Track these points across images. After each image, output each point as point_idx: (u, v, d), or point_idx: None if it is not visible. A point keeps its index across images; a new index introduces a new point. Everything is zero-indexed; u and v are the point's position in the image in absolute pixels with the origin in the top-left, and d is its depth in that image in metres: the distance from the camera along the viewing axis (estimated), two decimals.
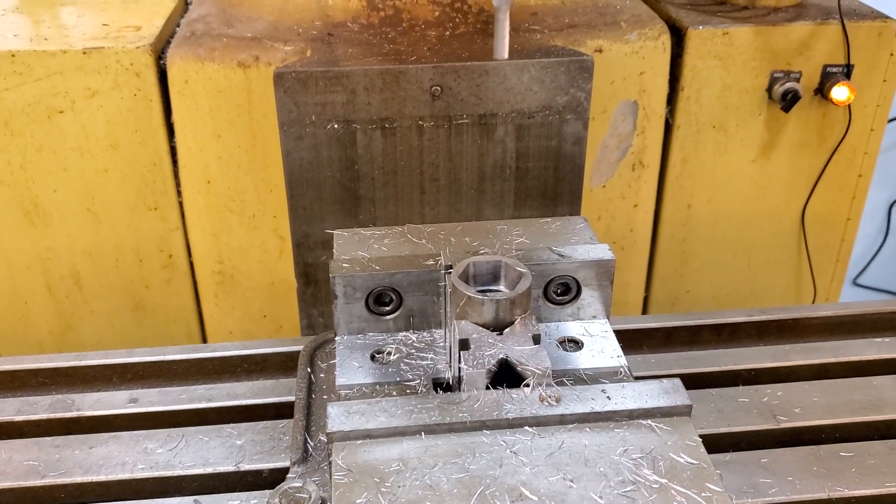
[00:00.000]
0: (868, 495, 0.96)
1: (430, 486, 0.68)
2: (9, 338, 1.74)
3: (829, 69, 1.63)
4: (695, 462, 0.71)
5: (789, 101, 1.60)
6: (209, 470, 1.00)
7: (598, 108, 1.53)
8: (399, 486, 0.68)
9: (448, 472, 0.70)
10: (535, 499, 0.67)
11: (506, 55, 0.96)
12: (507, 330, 0.81)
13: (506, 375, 0.79)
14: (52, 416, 1.08)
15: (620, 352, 0.94)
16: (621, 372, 0.91)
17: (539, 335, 0.80)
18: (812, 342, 1.23)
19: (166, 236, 1.65)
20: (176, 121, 1.52)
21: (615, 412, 0.75)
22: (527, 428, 0.74)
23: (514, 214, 1.49)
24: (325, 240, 1.45)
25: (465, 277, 0.86)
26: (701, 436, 1.03)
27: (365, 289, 0.93)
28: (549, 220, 1.05)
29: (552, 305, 0.98)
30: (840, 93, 1.62)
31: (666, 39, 1.51)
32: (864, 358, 1.18)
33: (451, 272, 0.86)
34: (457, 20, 1.46)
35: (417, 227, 1.04)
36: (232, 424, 1.07)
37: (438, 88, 1.35)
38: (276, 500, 0.84)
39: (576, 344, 0.96)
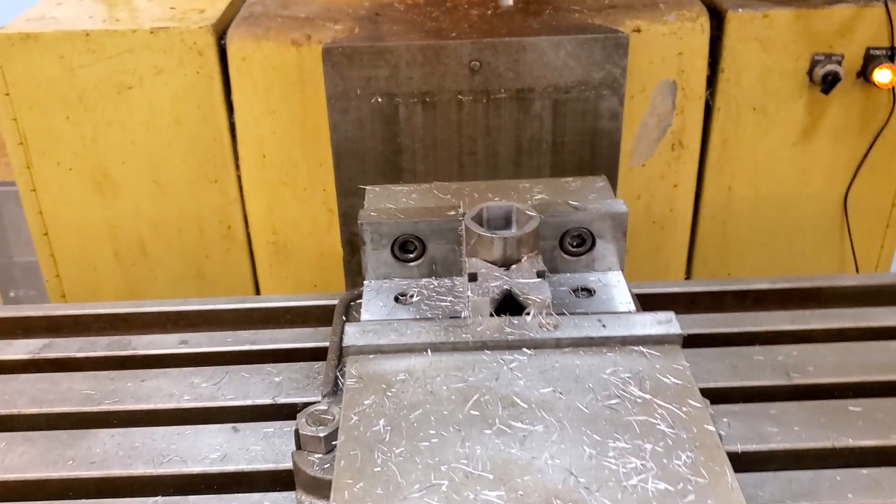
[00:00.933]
0: (872, 446, 0.98)
1: (432, 392, 0.75)
2: (80, 301, 1.87)
3: (872, 52, 1.64)
4: (679, 382, 0.75)
5: (829, 83, 1.61)
6: (248, 402, 1.08)
7: (638, 86, 1.57)
8: (403, 392, 0.75)
9: (449, 383, 0.76)
10: (525, 406, 0.73)
11: (511, 2, 1.01)
12: (513, 266, 0.87)
13: (510, 306, 0.85)
14: (109, 353, 1.18)
15: (630, 299, 0.99)
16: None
17: (544, 271, 0.86)
18: (834, 308, 1.25)
19: (226, 208, 1.76)
20: (235, 97, 1.63)
21: (608, 338, 0.80)
22: (525, 349, 0.80)
23: None
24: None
25: (479, 220, 0.92)
26: (713, 389, 1.08)
27: (391, 236, 1.01)
28: (570, 179, 1.11)
29: (568, 257, 1.03)
30: (883, 75, 1.62)
31: (704, 21, 1.55)
32: (884, 324, 1.20)
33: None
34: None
35: (444, 184, 1.11)
36: (272, 364, 1.15)
37: (477, 63, 1.42)
38: (304, 419, 0.91)
39: (588, 292, 1.01)
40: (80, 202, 1.75)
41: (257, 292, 1.85)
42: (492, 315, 0.84)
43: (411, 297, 1.00)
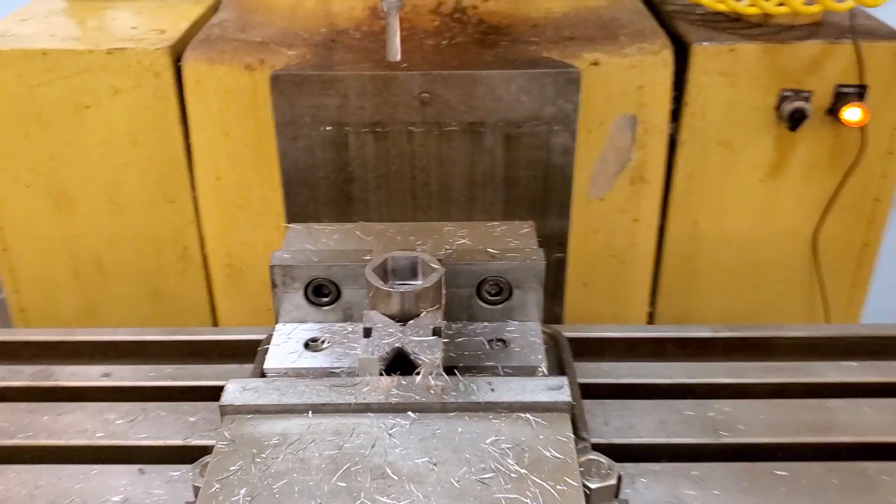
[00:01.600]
0: None
1: (302, 460, 0.72)
2: (39, 317, 1.86)
3: (841, 89, 1.60)
4: (560, 457, 0.72)
5: (796, 120, 1.58)
6: (159, 443, 1.06)
7: (596, 120, 1.54)
8: (273, 459, 0.73)
9: (322, 449, 0.74)
10: (396, 478, 0.70)
11: (397, 57, 0.99)
12: (411, 321, 0.84)
13: (405, 364, 0.82)
14: (31, 383, 1.17)
15: (542, 353, 0.96)
16: (539, 371, 0.93)
17: (440, 328, 0.83)
18: (776, 362, 1.21)
19: (182, 229, 1.74)
20: (190, 119, 1.61)
21: (495, 403, 0.77)
22: (409, 413, 0.77)
23: (504, 217, 1.51)
24: None
25: (384, 271, 0.90)
26: (636, 445, 1.05)
27: (303, 279, 0.98)
28: (496, 224, 1.08)
29: (485, 305, 1.00)
30: (852, 114, 1.58)
31: (667, 54, 1.52)
32: (825, 380, 1.16)
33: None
34: (455, 30, 1.51)
35: (369, 225, 1.08)
36: (190, 403, 1.13)
37: (427, 95, 1.40)
38: (197, 470, 0.89)
39: (503, 343, 0.98)
40: (38, 219, 1.74)
41: (213, 314, 1.84)
42: (381, 374, 0.81)
43: (322, 342, 0.98)
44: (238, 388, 0.79)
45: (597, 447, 1.03)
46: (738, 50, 1.55)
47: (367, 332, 0.83)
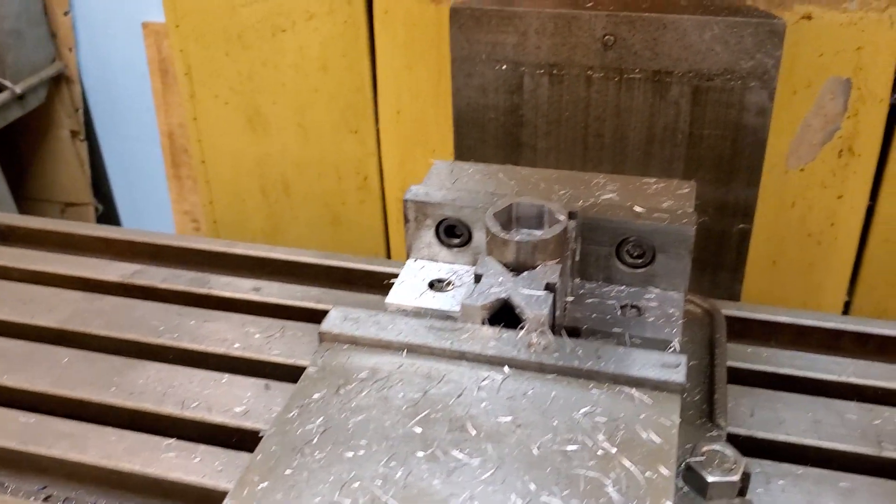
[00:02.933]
0: None
1: (386, 398, 0.70)
2: (230, 229, 1.98)
3: None
4: (657, 441, 0.65)
5: None
6: (289, 361, 1.08)
7: (802, 81, 1.38)
8: (357, 392, 0.71)
9: (408, 391, 0.71)
10: (474, 433, 0.66)
11: None
12: (525, 273, 0.79)
13: (512, 316, 0.77)
14: (187, 289, 1.23)
15: (679, 327, 0.87)
16: (671, 348, 0.85)
17: (554, 283, 0.77)
18: None
19: (364, 159, 1.77)
20: (377, 49, 1.62)
21: (597, 372, 0.70)
22: (505, 368, 0.72)
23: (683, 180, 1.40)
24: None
25: (507, 217, 0.84)
26: (782, 442, 0.94)
27: (435, 217, 0.95)
28: (651, 180, 0.99)
29: (624, 267, 0.93)
30: None
31: (894, 12, 1.32)
32: None
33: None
34: None
35: (514, 168, 1.03)
36: None
37: (611, 38, 1.31)
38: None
39: (637, 310, 0.90)
40: (233, 136, 1.83)
41: (387, 244, 1.86)
42: (483, 323, 0.77)
43: (447, 284, 0.95)
44: (340, 317, 0.77)
45: (733, 438, 0.94)
46: None
47: (478, 279, 0.79)
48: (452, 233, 0.96)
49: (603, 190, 0.98)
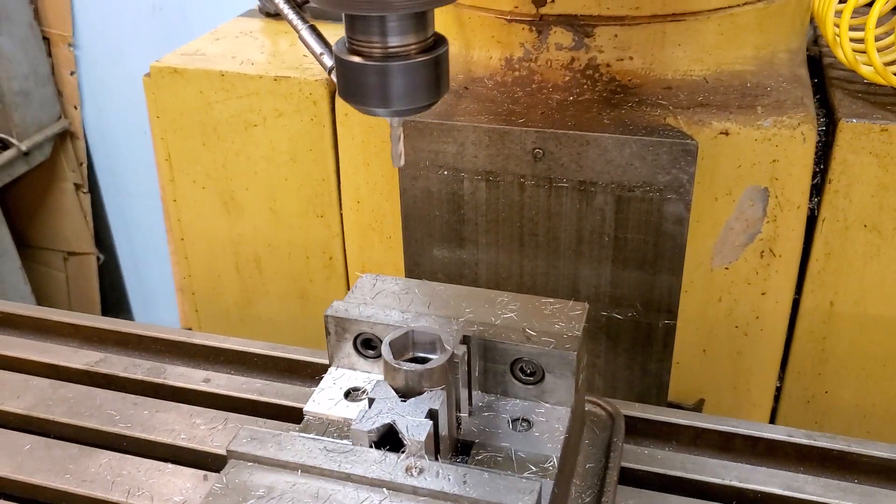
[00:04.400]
0: None
1: None
2: (206, 300, 2.10)
3: None
4: None
5: None
6: (222, 452, 1.19)
7: (723, 189, 1.49)
8: None
9: None
10: None
11: (401, 164, 1.01)
12: (413, 399, 0.90)
13: (397, 439, 0.88)
14: (145, 378, 1.35)
15: (561, 442, 0.97)
16: (550, 461, 0.95)
17: (436, 411, 0.88)
18: (850, 482, 1.13)
19: (329, 241, 1.89)
20: (339, 146, 1.74)
21: (461, 497, 0.81)
22: (384, 490, 0.83)
23: (612, 280, 1.51)
24: (432, 270, 1.59)
25: (405, 343, 0.95)
26: None
27: (353, 332, 1.06)
28: (549, 301, 1.10)
29: (518, 383, 1.03)
30: None
31: (807, 129, 1.43)
32: None
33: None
34: (584, 87, 1.51)
35: (430, 284, 1.14)
36: (266, 419, 1.25)
37: (540, 151, 1.42)
38: None
39: (528, 423, 1.01)
40: (210, 217, 1.96)
41: None
42: (371, 446, 0.87)
43: (362, 393, 1.06)
44: (247, 436, 0.88)
45: None
46: (891, 130, 1.43)
47: (371, 402, 0.90)
48: (369, 345, 1.08)
49: (505, 309, 1.09)
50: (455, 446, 0.98)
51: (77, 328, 1.49)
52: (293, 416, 1.26)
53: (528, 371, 1.03)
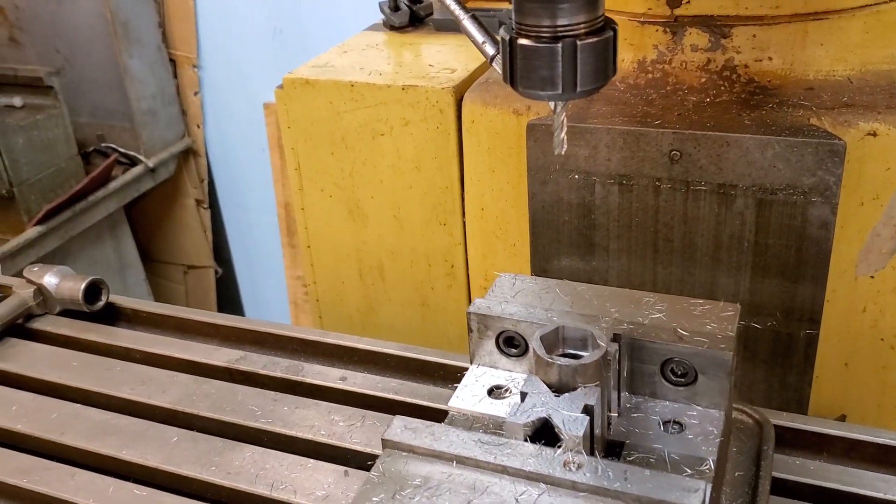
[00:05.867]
0: None
1: None
2: (330, 307, 2.14)
3: None
4: None
5: None
6: (367, 450, 1.20)
7: (870, 193, 1.42)
8: (410, 498, 0.81)
9: (453, 499, 0.81)
10: None
11: (562, 150, 0.99)
12: (566, 394, 0.88)
13: (552, 433, 0.87)
14: (284, 375, 1.38)
15: (716, 445, 0.94)
16: (706, 464, 0.92)
17: (592, 406, 0.86)
18: None
19: (451, 249, 1.90)
20: (465, 153, 1.75)
21: (623, 493, 0.79)
22: (541, 483, 0.82)
23: (751, 288, 1.46)
24: (559, 278, 1.57)
25: (554, 339, 0.94)
26: None
27: (496, 329, 1.06)
28: (698, 301, 1.07)
29: (668, 385, 1.01)
30: None
31: None
32: None
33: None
34: (721, 88, 1.47)
35: (570, 284, 1.13)
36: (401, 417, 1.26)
37: (677, 153, 1.40)
38: None
39: (679, 426, 0.98)
40: (335, 225, 2.00)
41: None
42: (526, 439, 0.86)
43: (505, 391, 1.05)
44: (401, 426, 0.89)
45: None
46: None
47: (523, 397, 0.89)
48: (511, 343, 1.07)
49: (652, 310, 1.06)
50: (605, 447, 0.96)
51: (217, 327, 1.54)
52: (428, 414, 1.27)
53: (680, 372, 1.00)
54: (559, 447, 0.84)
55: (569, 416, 0.85)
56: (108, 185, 3.67)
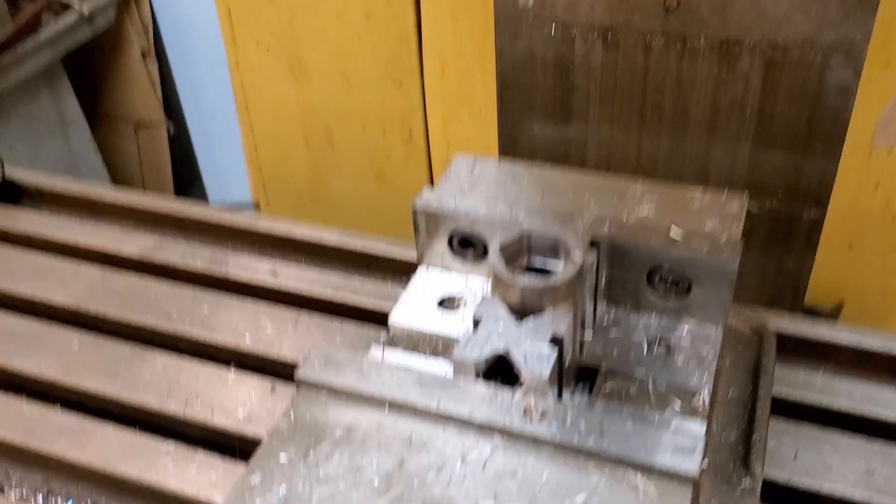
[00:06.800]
0: None
1: (357, 468, 0.63)
2: (274, 179, 1.92)
3: None
4: None
5: None
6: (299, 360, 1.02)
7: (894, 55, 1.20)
8: (328, 458, 0.64)
9: (383, 459, 0.63)
10: None
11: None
12: (531, 318, 0.69)
13: (509, 371, 0.68)
14: (205, 269, 1.18)
15: (711, 373, 0.77)
16: (698, 399, 0.75)
17: (562, 338, 0.67)
18: None
19: (409, 113, 1.67)
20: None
21: (597, 452, 0.61)
22: (495, 436, 0.64)
23: (751, 163, 1.26)
24: (531, 149, 1.37)
25: (517, 248, 0.74)
26: (826, 497, 0.84)
27: (447, 228, 0.86)
28: (698, 193, 0.87)
29: (655, 297, 0.82)
30: None
31: None
32: None
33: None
34: None
35: (542, 171, 0.92)
36: (343, 321, 1.08)
37: (674, 1, 1.15)
38: None
39: (667, 347, 0.80)
40: (275, 83, 1.75)
41: None
42: (478, 377, 0.68)
43: (458, 303, 0.86)
44: (320, 361, 0.70)
45: (770, 485, 0.85)
46: None
47: (476, 324, 0.70)
48: (467, 243, 0.87)
49: (640, 202, 0.86)
50: (576, 373, 0.78)
51: (132, 210, 1.32)
52: (374, 318, 1.08)
53: (670, 281, 0.81)
54: (519, 388, 0.66)
55: (532, 350, 0.66)
56: (37, 33, 3.32)
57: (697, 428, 0.64)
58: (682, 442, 0.61)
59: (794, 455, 0.88)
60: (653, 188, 0.88)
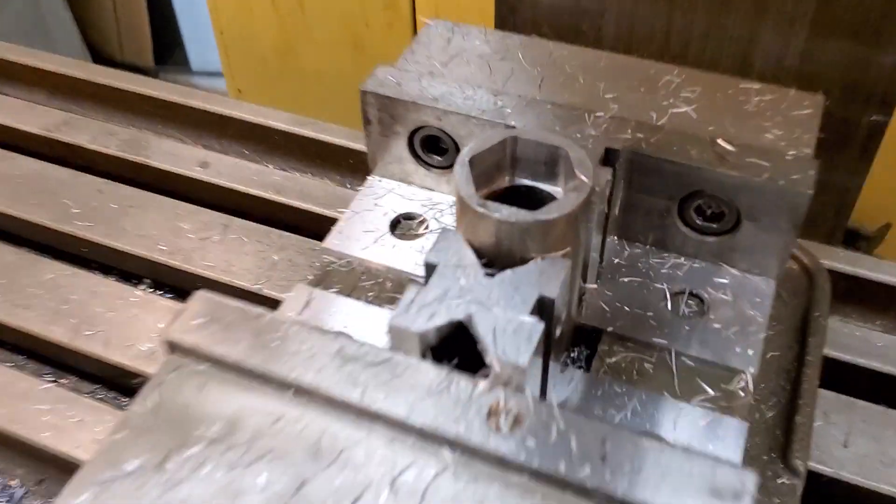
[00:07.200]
0: None
1: (235, 490, 0.42)
2: (238, 46, 1.66)
3: None
4: None
5: None
6: (224, 279, 0.81)
7: None
8: (192, 470, 0.43)
9: (276, 478, 0.42)
10: None
11: None
12: (509, 272, 0.47)
13: (472, 350, 0.46)
14: (120, 154, 0.95)
15: (760, 344, 0.55)
16: (739, 381, 0.54)
17: (552, 301, 0.45)
18: None
19: None
20: None
21: (594, 490, 0.40)
22: (444, 451, 0.43)
23: (804, 50, 1.01)
24: (534, 20, 1.11)
25: (499, 159, 0.51)
26: (882, 493, 0.64)
27: (409, 123, 0.62)
28: (757, 86, 0.63)
29: (689, 231, 0.60)
30: None
31: None
32: None
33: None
34: None
35: (541, 44, 0.68)
36: (280, 233, 0.86)
37: None
38: None
39: (700, 302, 0.58)
40: None
41: None
42: (424, 356, 0.46)
43: (417, 223, 0.64)
44: (203, 313, 0.48)
45: (813, 478, 0.65)
46: None
47: (429, 271, 0.48)
48: (435, 146, 0.64)
49: (675, 98, 0.62)
50: (571, 336, 0.56)
51: (43, 74, 1.08)
52: (321, 229, 0.86)
53: (710, 213, 0.58)
54: (482, 377, 0.45)
55: (506, 322, 0.45)
56: None
57: (744, 471, 0.43)
58: (724, 481, 0.40)
59: (845, 441, 0.68)
60: (693, 78, 0.64)
